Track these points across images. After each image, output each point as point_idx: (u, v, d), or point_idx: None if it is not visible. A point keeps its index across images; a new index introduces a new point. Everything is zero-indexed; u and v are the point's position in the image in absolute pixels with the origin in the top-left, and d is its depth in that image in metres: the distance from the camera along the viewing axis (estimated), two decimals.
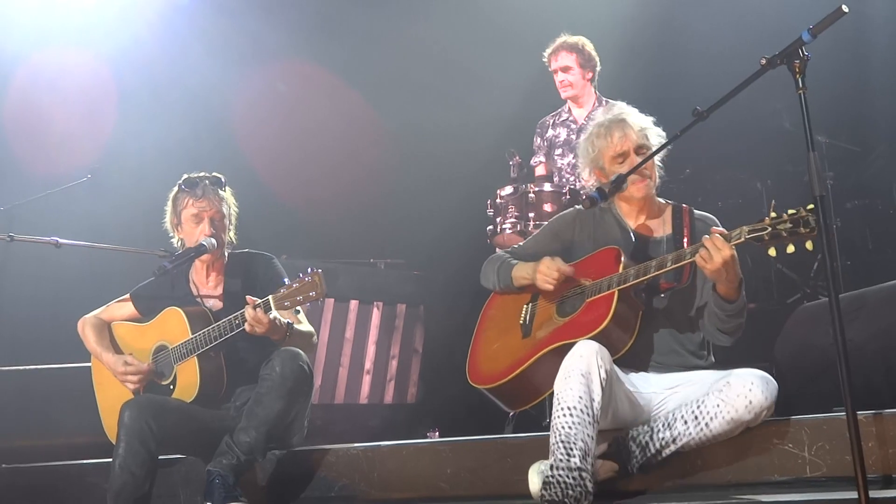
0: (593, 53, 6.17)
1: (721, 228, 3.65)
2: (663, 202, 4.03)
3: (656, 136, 3.92)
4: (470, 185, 7.07)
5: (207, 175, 4.53)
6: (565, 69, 6.14)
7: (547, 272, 3.84)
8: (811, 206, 3.19)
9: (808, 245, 3.25)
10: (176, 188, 4.54)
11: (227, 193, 4.58)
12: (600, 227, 3.98)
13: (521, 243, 4.29)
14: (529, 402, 3.99)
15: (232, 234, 4.62)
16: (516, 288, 4.04)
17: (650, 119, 3.96)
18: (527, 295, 4.03)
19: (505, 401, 3.97)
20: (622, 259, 3.74)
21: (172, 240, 4.59)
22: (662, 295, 3.81)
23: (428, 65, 7.83)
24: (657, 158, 3.90)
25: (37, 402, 5.68)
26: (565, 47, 6.13)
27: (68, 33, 7.40)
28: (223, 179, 4.57)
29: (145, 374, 4.49)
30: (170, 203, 4.56)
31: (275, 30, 7.87)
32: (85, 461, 4.95)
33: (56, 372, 5.74)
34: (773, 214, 3.34)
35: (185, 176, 4.53)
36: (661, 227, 3.96)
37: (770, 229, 3.33)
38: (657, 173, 3.94)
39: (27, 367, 5.80)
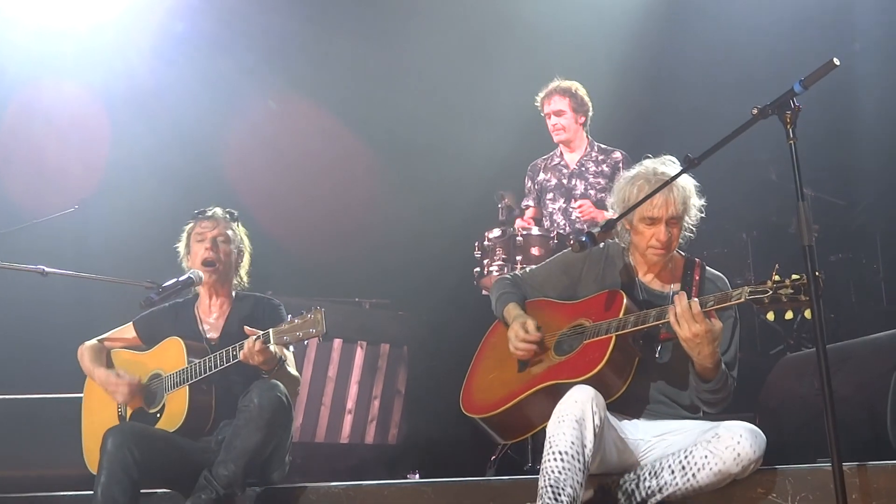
0: (586, 98, 6.21)
1: (726, 291, 3.60)
2: (678, 255, 3.97)
3: (696, 210, 3.82)
4: (457, 226, 7.08)
5: (221, 207, 4.65)
6: (558, 113, 6.17)
7: (515, 341, 3.86)
8: (816, 272, 3.16)
9: (808, 314, 3.21)
10: (192, 220, 4.63)
11: (239, 230, 4.67)
12: (609, 271, 3.96)
13: (532, 268, 4.27)
14: (520, 435, 3.99)
15: (243, 273, 4.67)
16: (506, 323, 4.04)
17: (694, 184, 3.82)
18: None
19: (496, 431, 3.96)
20: (624, 304, 3.72)
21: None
22: (659, 346, 3.78)
23: (421, 102, 7.86)
24: (689, 221, 3.82)
25: (15, 432, 5.61)
26: (558, 91, 6.17)
27: (62, 63, 7.40)
28: (236, 214, 4.68)
29: (135, 387, 4.48)
30: (184, 235, 4.64)
31: (268, 64, 7.91)
32: (61, 493, 4.88)
33: (37, 402, 5.68)
34: (776, 278, 3.34)
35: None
36: (671, 281, 3.92)
37: (771, 293, 3.34)
38: (684, 235, 3.85)
39: (8, 397, 5.74)
